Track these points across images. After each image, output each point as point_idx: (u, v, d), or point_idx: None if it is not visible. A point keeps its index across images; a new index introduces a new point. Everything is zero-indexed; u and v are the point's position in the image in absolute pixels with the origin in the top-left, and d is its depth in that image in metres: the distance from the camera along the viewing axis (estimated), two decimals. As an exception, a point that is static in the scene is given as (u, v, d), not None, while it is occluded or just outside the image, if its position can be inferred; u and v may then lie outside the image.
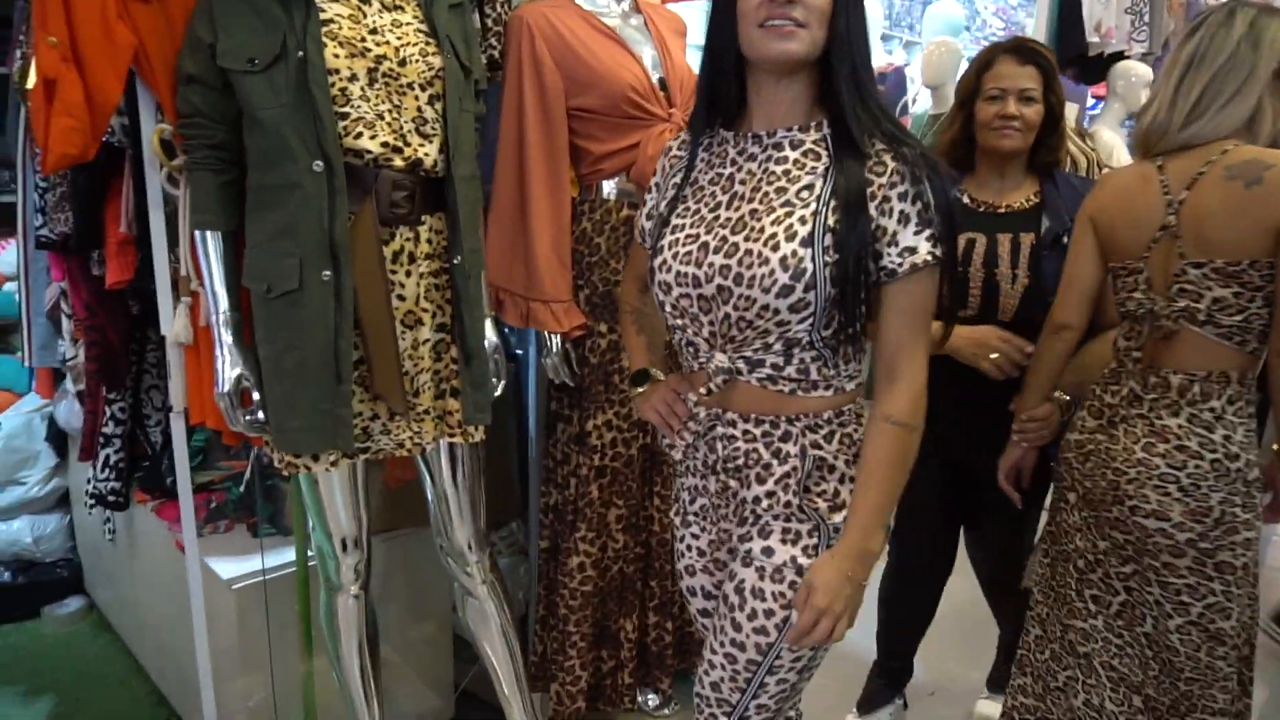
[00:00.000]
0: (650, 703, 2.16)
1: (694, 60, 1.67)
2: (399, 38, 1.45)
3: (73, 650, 2.57)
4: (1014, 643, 2.13)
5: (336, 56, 1.38)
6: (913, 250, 1.13)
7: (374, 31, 1.43)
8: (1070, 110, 3.12)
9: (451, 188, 1.49)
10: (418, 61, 1.46)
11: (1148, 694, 1.59)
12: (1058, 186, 1.83)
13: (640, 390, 1.38)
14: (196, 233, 1.46)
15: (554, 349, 1.84)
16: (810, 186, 1.15)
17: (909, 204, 1.12)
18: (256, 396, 1.46)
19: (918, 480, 1.95)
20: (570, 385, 1.90)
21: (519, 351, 2.12)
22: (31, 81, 1.41)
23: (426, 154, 1.46)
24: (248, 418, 1.46)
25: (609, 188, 1.86)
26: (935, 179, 1.13)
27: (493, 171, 1.79)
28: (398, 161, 1.43)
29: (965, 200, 1.87)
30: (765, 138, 1.19)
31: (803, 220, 1.13)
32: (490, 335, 1.65)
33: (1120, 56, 3.30)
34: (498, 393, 1.69)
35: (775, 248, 1.12)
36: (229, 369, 1.45)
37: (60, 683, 2.42)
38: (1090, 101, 4.09)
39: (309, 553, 1.82)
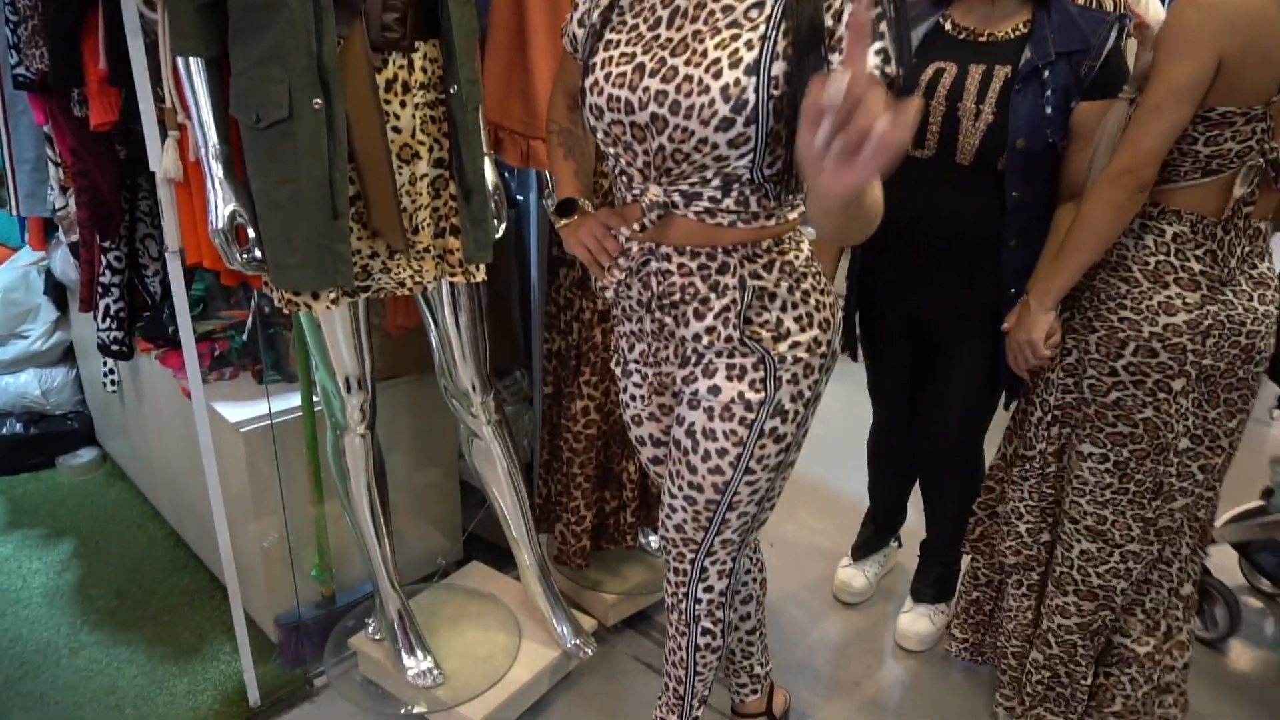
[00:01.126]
0: (652, 543, 2.23)
1: None
2: None
3: (89, 498, 2.65)
4: (948, 543, 2.10)
5: None
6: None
7: None
8: (1100, -55, 2.93)
9: (445, 10, 1.40)
10: None
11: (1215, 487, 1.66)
12: (1051, 15, 1.61)
13: (566, 222, 1.30)
14: (179, 61, 1.39)
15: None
16: (760, 4, 1.04)
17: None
18: (252, 233, 1.42)
19: (891, 342, 1.97)
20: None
21: (520, 197, 2.07)
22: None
23: (417, -28, 1.37)
24: (244, 256, 1.43)
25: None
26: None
27: (489, 3, 1.69)
28: (387, -21, 1.35)
29: (947, 26, 1.70)
30: None
31: (749, 45, 1.03)
32: (490, 174, 1.59)
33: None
34: (499, 234, 1.65)
35: (717, 74, 1.03)
36: (222, 205, 1.40)
37: (80, 528, 2.49)
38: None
39: (314, 398, 1.83)
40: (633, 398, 1.39)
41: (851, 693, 2.01)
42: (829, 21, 1.01)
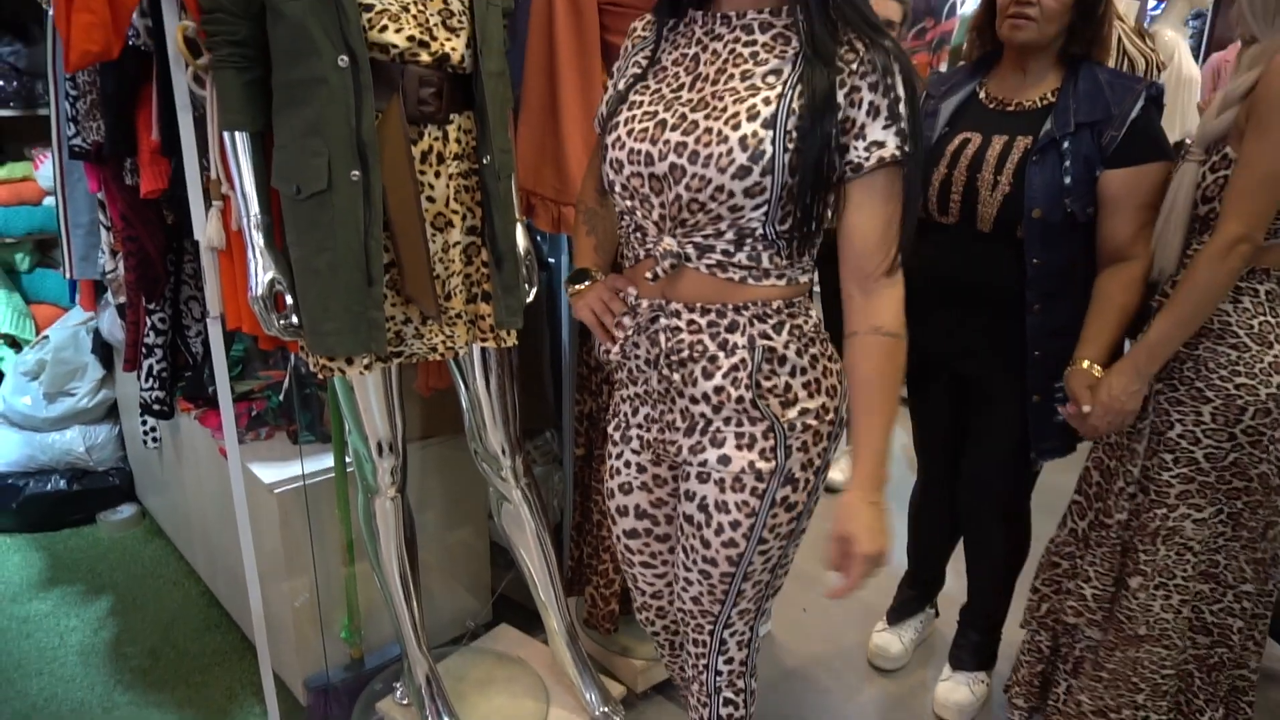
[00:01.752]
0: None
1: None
2: (422, -74, 1.40)
3: (127, 554, 2.68)
4: (991, 606, 2.06)
5: None
6: (880, 145, 1.07)
7: None
8: (1130, 8, 2.95)
9: (480, 84, 1.45)
10: (442, -49, 1.40)
11: None
12: (1078, 84, 1.59)
13: (578, 288, 1.33)
14: (225, 134, 1.44)
15: (586, 255, 1.81)
16: (778, 71, 1.10)
17: (879, 96, 1.06)
18: (290, 300, 1.46)
19: (931, 399, 1.95)
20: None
21: (551, 260, 2.10)
22: (53, -20, 1.39)
23: (454, 48, 1.42)
24: (282, 322, 1.46)
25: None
26: (909, 76, 1.08)
27: (521, 72, 1.74)
28: (424, 56, 1.39)
29: (981, 95, 1.72)
30: (735, 19, 1.14)
31: (767, 101, 1.08)
32: (522, 240, 1.62)
33: (1186, -51, 3.09)
34: (530, 299, 1.67)
35: (735, 126, 1.07)
36: (262, 273, 1.44)
37: (117, 584, 2.52)
38: (1153, 1, 3.88)
39: (346, 459, 1.85)
40: (626, 464, 1.37)
41: (889, 767, 1.94)
42: (840, 99, 1.07)
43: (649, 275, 1.18)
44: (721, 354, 1.17)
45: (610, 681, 1.96)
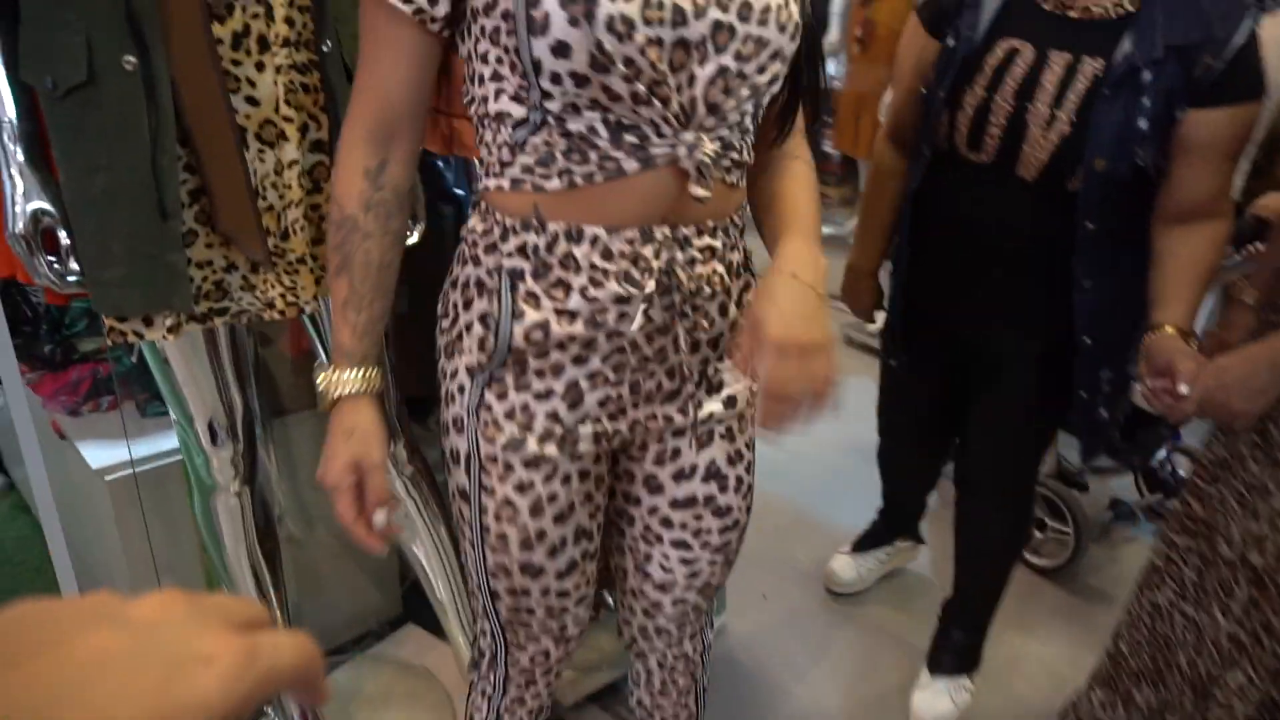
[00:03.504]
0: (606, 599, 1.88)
1: None
2: None
3: (-12, 533, 2.31)
4: (982, 600, 1.78)
5: None
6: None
7: None
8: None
9: (313, -62, 1.06)
10: None
11: None
12: None
13: (338, 395, 0.94)
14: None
15: (487, 182, 1.43)
16: None
17: None
18: (65, 238, 1.07)
19: (918, 361, 1.63)
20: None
21: (459, 191, 1.71)
22: None
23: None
24: (56, 268, 1.08)
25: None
26: None
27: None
28: (226, -106, 1.00)
29: None
30: None
31: None
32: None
33: None
34: (414, 238, 1.30)
35: None
36: (21, 200, 1.06)
37: (-30, 570, 2.16)
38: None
39: (197, 437, 1.48)
40: (565, 479, 0.95)
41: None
42: None
43: (696, 197, 0.84)
44: (734, 282, 0.94)
45: (530, 698, 1.65)
